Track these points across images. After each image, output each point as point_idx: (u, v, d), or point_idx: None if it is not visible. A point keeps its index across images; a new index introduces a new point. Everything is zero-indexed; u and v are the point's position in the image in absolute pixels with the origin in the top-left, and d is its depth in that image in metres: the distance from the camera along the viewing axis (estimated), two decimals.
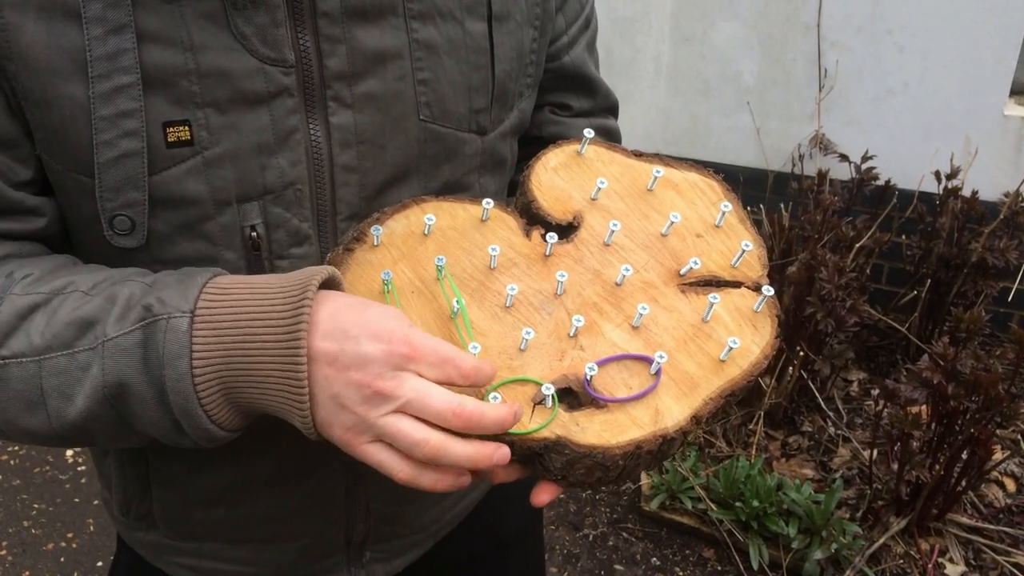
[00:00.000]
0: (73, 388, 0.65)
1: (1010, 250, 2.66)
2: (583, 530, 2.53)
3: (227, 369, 0.64)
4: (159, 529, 0.90)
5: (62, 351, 0.65)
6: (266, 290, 0.65)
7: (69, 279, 0.69)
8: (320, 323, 0.64)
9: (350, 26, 0.72)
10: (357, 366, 0.63)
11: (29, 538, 2.56)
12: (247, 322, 0.64)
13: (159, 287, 0.66)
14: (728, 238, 0.79)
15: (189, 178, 0.70)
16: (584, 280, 0.76)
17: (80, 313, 0.66)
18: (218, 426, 0.66)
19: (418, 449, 0.63)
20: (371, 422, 0.63)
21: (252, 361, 0.64)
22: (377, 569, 0.96)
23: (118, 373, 0.64)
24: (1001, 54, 2.82)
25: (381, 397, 0.63)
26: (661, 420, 0.69)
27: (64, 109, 0.66)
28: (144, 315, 0.64)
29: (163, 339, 0.63)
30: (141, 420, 0.66)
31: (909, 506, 2.26)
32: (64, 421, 0.66)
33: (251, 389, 0.65)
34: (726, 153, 3.35)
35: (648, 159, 0.83)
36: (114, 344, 0.64)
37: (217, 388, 0.64)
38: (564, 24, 0.90)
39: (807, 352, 2.54)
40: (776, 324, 0.75)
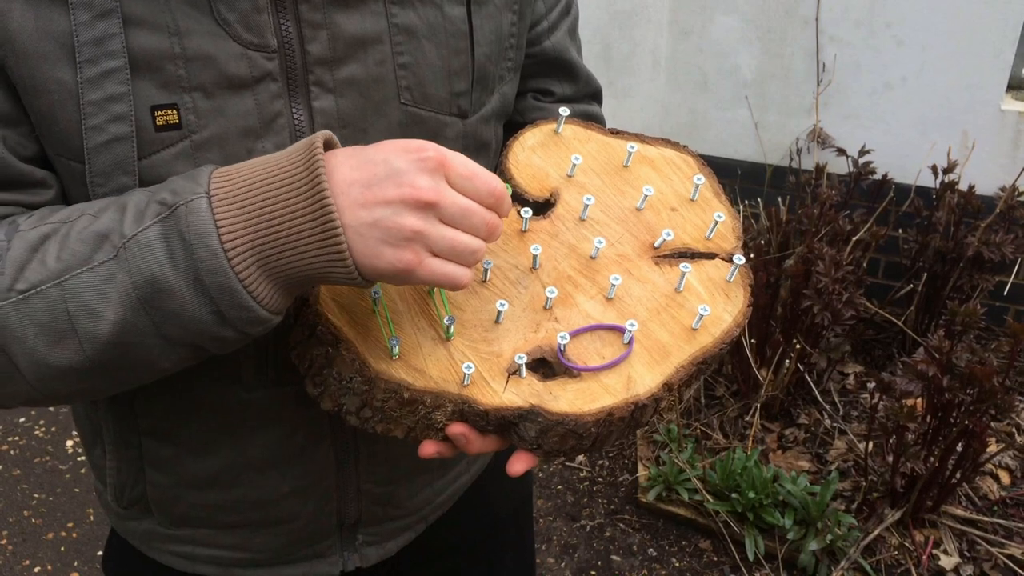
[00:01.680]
0: (100, 303, 0.63)
1: (1006, 244, 2.67)
2: (580, 521, 2.54)
3: (257, 237, 0.63)
4: (152, 517, 0.91)
5: (82, 268, 0.63)
6: (272, 159, 0.65)
7: (77, 207, 0.68)
8: (338, 166, 0.64)
9: (331, 11, 0.73)
10: (394, 181, 0.62)
11: (29, 527, 2.57)
12: (264, 188, 0.63)
13: (167, 185, 0.66)
14: (702, 211, 0.81)
15: (178, 162, 0.71)
16: (560, 254, 0.77)
17: (92, 228, 0.64)
18: (260, 304, 0.64)
19: (475, 256, 0.65)
20: (427, 233, 0.63)
21: (280, 221, 0.63)
22: (370, 552, 0.97)
23: (145, 271, 0.62)
24: (999, 49, 2.83)
25: (428, 205, 0.63)
26: (633, 387, 0.70)
27: (52, 94, 0.66)
28: (160, 209, 0.63)
29: (186, 223, 0.62)
30: (179, 319, 0.64)
31: (904, 498, 2.28)
32: (97, 342, 0.64)
33: (286, 251, 0.63)
34: (724, 147, 3.35)
35: (624, 136, 0.85)
36: (135, 243, 0.63)
37: (252, 259, 0.63)
38: (544, 9, 0.91)
39: (804, 345, 2.55)
40: (748, 293, 0.76)
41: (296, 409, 0.83)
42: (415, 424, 0.72)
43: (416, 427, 0.73)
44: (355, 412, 0.73)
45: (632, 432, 0.73)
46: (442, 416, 0.71)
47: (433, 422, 0.72)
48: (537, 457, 0.73)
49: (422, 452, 0.74)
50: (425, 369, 0.71)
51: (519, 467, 0.72)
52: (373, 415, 0.73)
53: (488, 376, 0.71)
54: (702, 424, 2.73)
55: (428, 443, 0.74)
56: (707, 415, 2.76)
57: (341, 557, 0.96)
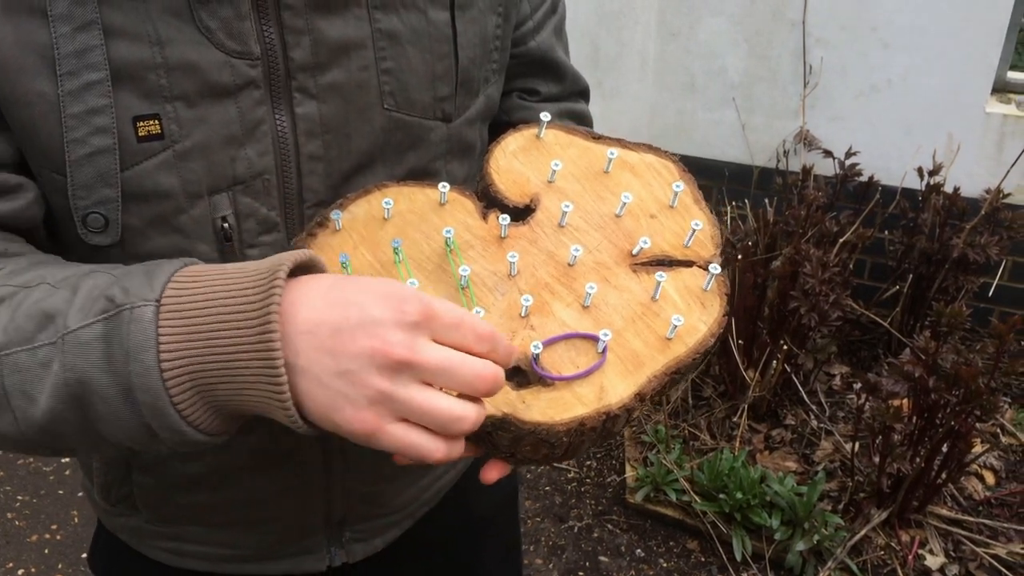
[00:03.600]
0: (34, 387, 0.60)
1: (991, 246, 2.68)
2: (568, 522, 2.54)
3: (199, 362, 0.58)
4: (140, 513, 0.91)
5: (22, 346, 0.60)
6: (236, 275, 0.60)
7: (41, 272, 0.65)
8: (311, 299, 0.58)
9: (313, 18, 0.72)
10: (367, 332, 0.56)
11: (13, 530, 2.55)
12: (217, 310, 0.58)
13: (125, 277, 0.61)
14: (682, 218, 0.80)
15: (161, 172, 0.70)
16: (538, 261, 0.77)
17: (42, 305, 0.61)
18: (194, 428, 0.60)
19: (458, 425, 0.58)
20: (395, 397, 0.56)
21: (224, 352, 0.58)
22: (356, 548, 0.97)
23: (78, 370, 0.59)
24: (984, 52, 2.85)
25: (402, 366, 0.56)
26: (605, 397, 0.69)
27: (34, 107, 0.65)
28: (107, 306, 0.59)
29: (127, 330, 0.58)
30: (108, 424, 0.60)
31: (890, 498, 2.29)
32: (30, 423, 0.61)
33: (226, 384, 0.59)
34: (711, 148, 3.36)
35: (606, 142, 0.84)
36: (74, 337, 0.59)
37: (189, 384, 0.58)
38: (529, 9, 0.91)
39: (791, 346, 2.56)
40: (724, 302, 0.75)
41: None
42: None
43: None
44: None
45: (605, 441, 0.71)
46: None
47: None
48: (511, 465, 0.72)
49: (397, 458, 0.73)
50: None
51: (493, 475, 0.71)
52: None
53: None
54: (690, 425, 2.73)
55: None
56: (695, 416, 2.77)
57: (328, 553, 0.96)
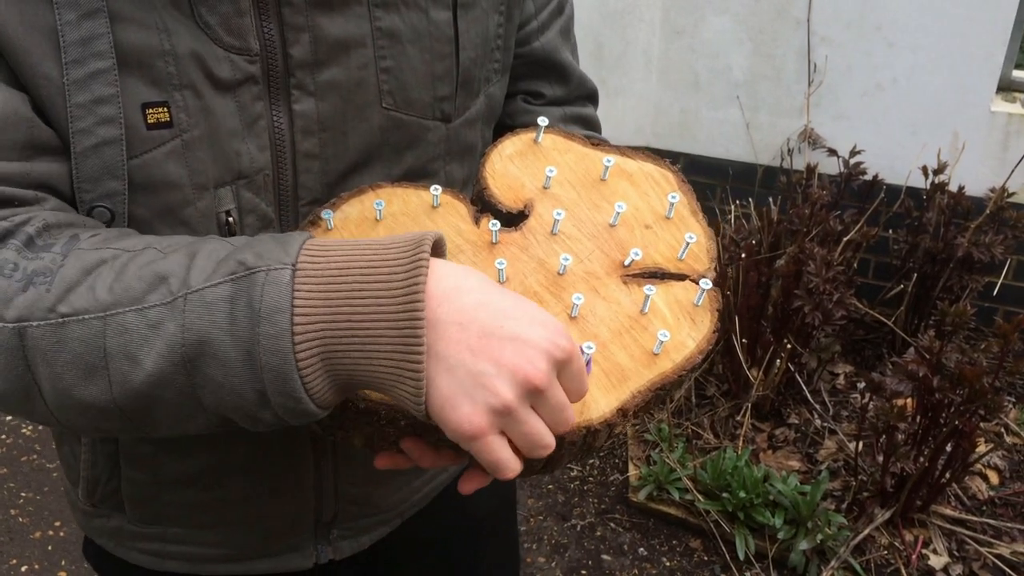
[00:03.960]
0: (140, 348, 0.58)
1: (995, 245, 2.68)
2: (571, 520, 2.54)
3: (331, 329, 0.57)
4: (122, 514, 0.90)
5: (131, 306, 0.59)
6: (375, 245, 0.59)
7: (142, 239, 0.64)
8: (468, 290, 0.59)
9: (314, 15, 0.72)
10: (517, 349, 0.57)
11: (16, 526, 2.55)
12: (355, 278, 0.58)
13: (255, 244, 0.61)
14: (678, 230, 0.78)
15: (169, 161, 0.69)
16: (528, 269, 0.75)
17: (155, 268, 0.60)
18: (311, 397, 0.59)
19: (541, 452, 0.60)
20: (515, 415, 0.58)
21: (361, 319, 0.57)
22: (343, 546, 0.97)
23: (200, 329, 0.57)
24: (989, 51, 2.84)
25: (534, 392, 0.58)
26: (587, 412, 0.68)
27: (40, 90, 0.65)
28: (236, 268, 0.59)
29: (261, 292, 0.57)
30: (217, 389, 0.59)
31: (894, 498, 2.28)
32: (128, 387, 0.59)
33: (356, 353, 0.58)
34: (715, 147, 3.35)
35: (605, 149, 0.82)
36: (198, 297, 0.58)
37: (318, 350, 0.58)
38: (533, 9, 0.90)
39: (794, 345, 2.55)
40: (716, 318, 0.73)
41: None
42: (372, 435, 0.71)
43: (373, 437, 0.72)
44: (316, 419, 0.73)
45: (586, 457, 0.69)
46: (396, 430, 0.70)
47: (387, 435, 0.70)
48: (489, 476, 0.70)
49: (377, 463, 0.73)
50: None
51: (470, 486, 0.70)
52: (332, 423, 0.71)
53: None
54: (693, 424, 2.73)
55: (383, 455, 0.73)
56: (698, 414, 2.76)
57: (315, 550, 0.96)
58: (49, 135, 0.66)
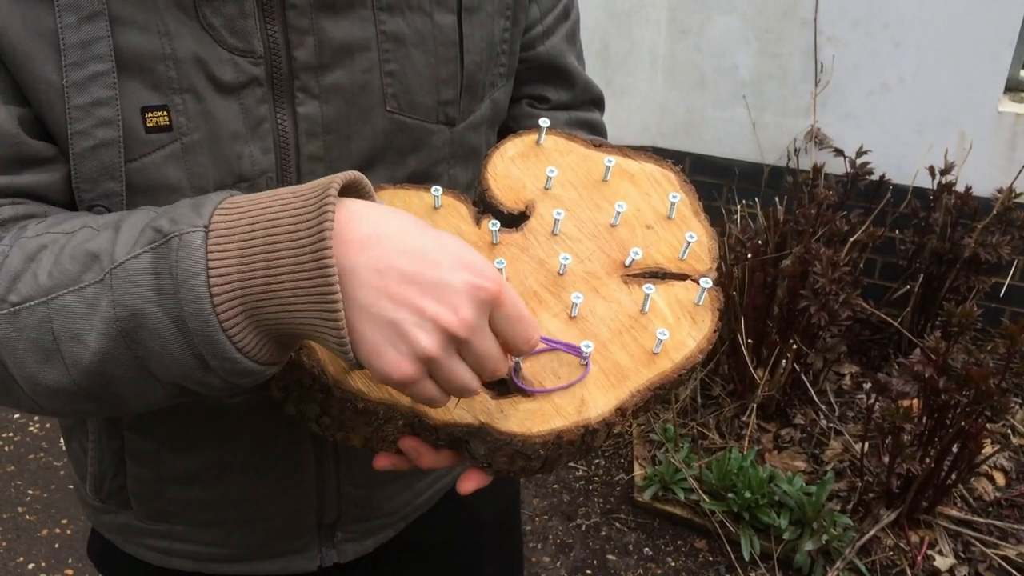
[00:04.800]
0: (83, 327, 0.59)
1: (1002, 246, 2.67)
2: (576, 520, 2.54)
3: (248, 285, 0.57)
4: (130, 510, 0.90)
5: (69, 288, 0.59)
6: (285, 195, 0.59)
7: (83, 219, 0.64)
8: (387, 234, 0.58)
9: (318, 18, 0.72)
10: (438, 296, 0.56)
11: (23, 524, 2.56)
12: (266, 231, 0.57)
13: (171, 210, 0.61)
14: (679, 230, 0.78)
15: (168, 165, 0.70)
16: (528, 269, 0.76)
17: (87, 246, 0.60)
18: (245, 355, 0.59)
19: (465, 392, 0.60)
20: (440, 363, 0.58)
21: (276, 272, 0.57)
22: (348, 548, 0.97)
23: (129, 303, 0.58)
24: (996, 51, 2.83)
25: (458, 341, 0.58)
26: (585, 411, 0.68)
27: (40, 92, 0.65)
28: (154, 237, 0.59)
29: (176, 257, 0.57)
30: (160, 359, 0.59)
31: (899, 499, 2.28)
32: (80, 367, 0.60)
33: (276, 307, 0.58)
34: (722, 146, 3.35)
35: (607, 150, 0.83)
36: (122, 271, 0.58)
37: (239, 308, 0.57)
38: (539, 13, 0.90)
39: (800, 345, 2.55)
40: (716, 318, 0.73)
41: (278, 413, 0.83)
42: (371, 435, 0.71)
43: (372, 438, 0.72)
44: (315, 419, 0.73)
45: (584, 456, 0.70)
46: (394, 429, 0.70)
47: (386, 434, 0.71)
48: (489, 476, 0.71)
49: (376, 464, 0.73)
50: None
51: (469, 485, 0.70)
52: (331, 423, 0.72)
53: None
54: (698, 424, 2.73)
55: (382, 455, 0.73)
56: (703, 415, 2.76)
57: (319, 553, 0.96)
58: (37, 149, 0.66)
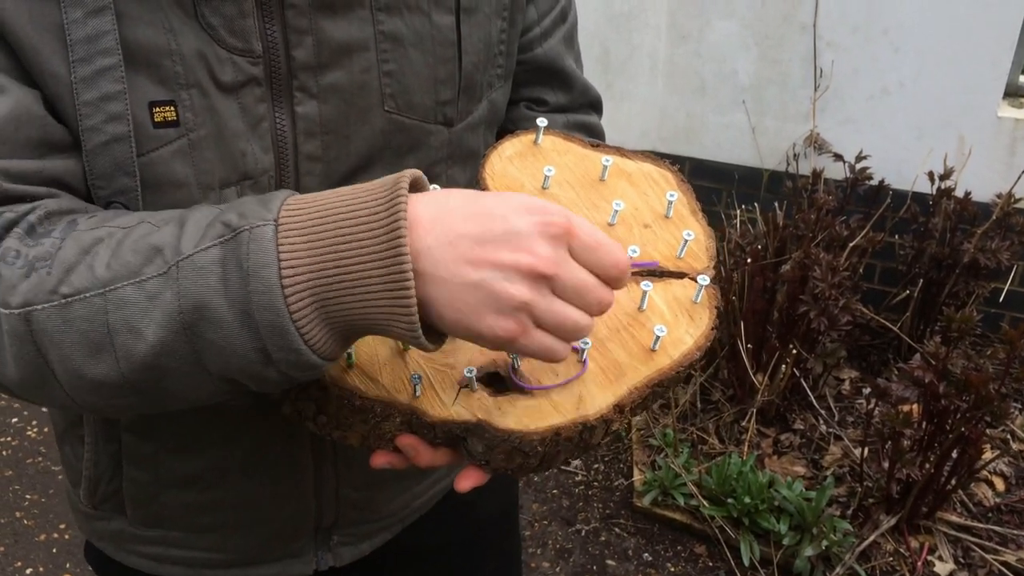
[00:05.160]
0: (142, 320, 0.59)
1: (1002, 251, 2.67)
2: (575, 525, 2.54)
3: (320, 277, 0.58)
4: (123, 516, 0.90)
5: (129, 280, 0.59)
6: (355, 191, 0.60)
7: (137, 214, 0.64)
8: (449, 212, 0.59)
9: (317, 18, 0.72)
10: (512, 245, 0.57)
11: (21, 529, 2.56)
12: (337, 224, 0.58)
13: (236, 205, 0.62)
14: (676, 229, 0.79)
15: (176, 160, 0.70)
16: None
17: (149, 240, 0.61)
18: (311, 348, 0.59)
19: (581, 334, 0.61)
20: (538, 307, 0.58)
21: (348, 262, 0.58)
22: (344, 552, 0.97)
23: (194, 295, 0.58)
24: (995, 56, 2.84)
25: (546, 279, 0.58)
26: (583, 407, 0.68)
27: (49, 88, 0.65)
28: (223, 231, 0.59)
29: (247, 250, 0.58)
30: (219, 352, 0.60)
31: (899, 504, 2.27)
32: (134, 361, 0.60)
33: (347, 298, 0.58)
34: (721, 151, 3.35)
35: (605, 150, 0.83)
36: (190, 263, 0.59)
37: (310, 300, 0.58)
38: (536, 15, 0.90)
39: (800, 350, 2.55)
40: (714, 315, 0.74)
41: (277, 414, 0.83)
42: (368, 433, 0.71)
43: (369, 436, 0.72)
44: (312, 418, 0.73)
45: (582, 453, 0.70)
46: (391, 426, 0.70)
47: (383, 432, 0.71)
48: (487, 474, 0.71)
49: (373, 462, 0.73)
50: (378, 378, 0.70)
51: (467, 483, 0.70)
52: (328, 422, 0.72)
53: (440, 388, 0.70)
54: (698, 429, 2.73)
55: (379, 453, 0.73)
56: (703, 420, 2.76)
57: (315, 557, 0.95)
58: (61, 132, 0.66)
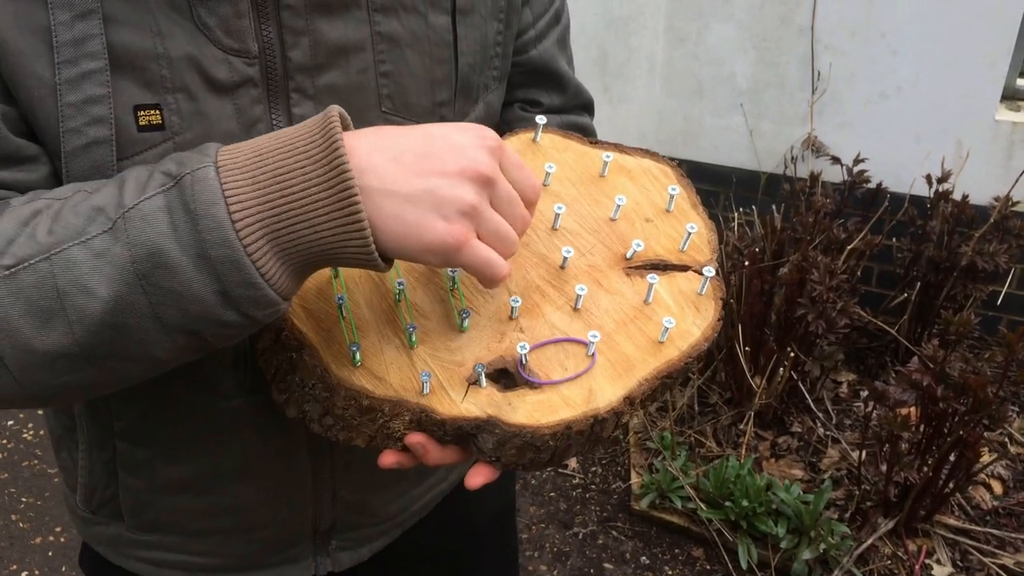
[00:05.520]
0: (92, 278, 0.58)
1: (999, 254, 2.67)
2: (573, 528, 2.53)
3: (267, 208, 0.59)
4: (121, 522, 0.90)
5: (74, 240, 0.59)
6: (284, 132, 0.62)
7: (70, 186, 0.65)
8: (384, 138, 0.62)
9: (313, 18, 0.72)
10: (456, 154, 0.62)
11: (17, 532, 2.55)
12: (275, 159, 0.60)
13: (172, 158, 0.62)
14: (678, 223, 0.79)
15: None
16: (529, 264, 0.76)
17: (90, 202, 0.60)
18: (267, 282, 0.60)
19: (511, 248, 0.65)
20: (482, 211, 0.62)
21: (292, 191, 0.59)
22: (343, 557, 0.96)
23: (145, 242, 0.58)
24: (993, 59, 2.84)
25: (489, 183, 0.62)
26: (593, 400, 0.69)
27: (31, 89, 0.65)
28: (164, 180, 0.59)
29: (191, 192, 0.58)
30: (179, 299, 0.59)
31: (897, 507, 2.27)
32: (88, 322, 0.59)
33: (298, 225, 0.59)
34: (719, 154, 3.35)
35: (603, 146, 0.83)
36: (136, 212, 0.58)
37: (261, 232, 0.59)
38: (531, 17, 0.90)
39: (797, 353, 2.55)
40: (720, 307, 0.74)
41: (272, 417, 0.82)
42: (375, 433, 0.71)
43: (377, 436, 0.72)
44: (318, 419, 0.72)
45: (593, 447, 0.71)
46: (400, 425, 0.70)
47: (392, 431, 0.70)
48: (497, 470, 0.71)
49: (382, 462, 0.72)
50: (386, 377, 0.70)
51: (477, 480, 0.70)
52: (335, 423, 0.72)
53: (448, 385, 0.70)
54: (695, 432, 2.72)
55: (387, 453, 0.72)
56: (700, 423, 2.76)
57: (313, 562, 0.95)
58: (19, 146, 0.66)
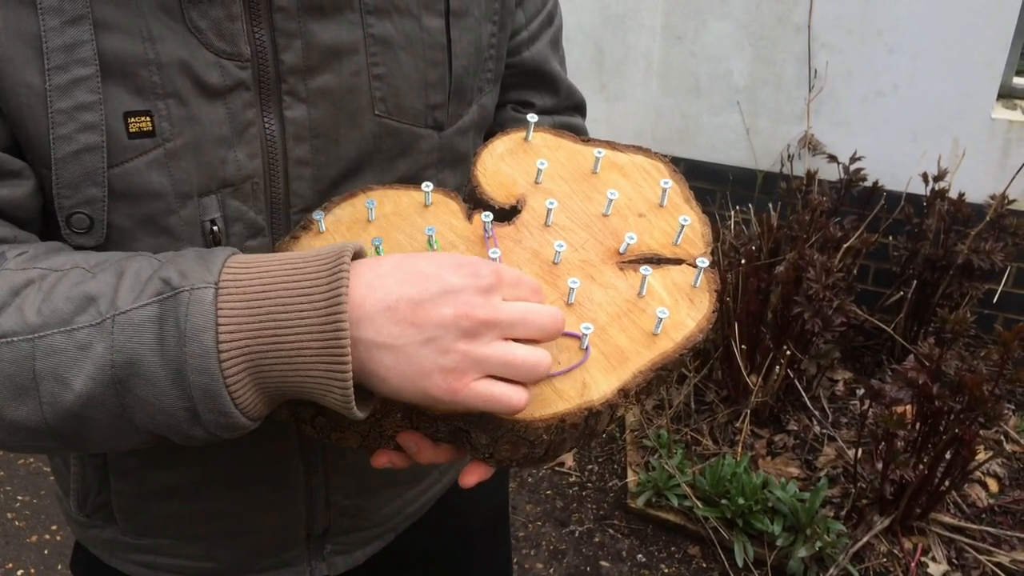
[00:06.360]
0: (70, 370, 0.59)
1: (995, 252, 2.67)
2: (569, 526, 2.53)
3: (256, 344, 0.59)
4: (115, 525, 0.89)
5: (59, 328, 0.59)
6: (296, 259, 0.61)
7: (70, 257, 0.64)
8: (382, 278, 0.61)
9: (306, 21, 0.72)
10: (448, 301, 0.60)
11: (13, 530, 2.54)
12: (278, 293, 0.59)
13: (177, 260, 0.62)
14: (671, 217, 0.79)
15: (151, 170, 0.69)
16: (522, 260, 0.76)
17: (83, 288, 0.60)
18: (241, 411, 0.60)
19: (539, 369, 0.62)
20: (480, 356, 0.60)
21: (285, 332, 0.59)
22: (338, 561, 0.96)
23: (129, 351, 0.58)
24: (990, 57, 2.84)
25: (485, 326, 0.60)
26: (587, 393, 0.68)
27: (21, 97, 0.64)
28: (162, 288, 0.59)
29: (186, 312, 0.58)
30: (147, 408, 0.60)
31: (893, 505, 2.28)
32: (58, 408, 0.60)
33: (283, 366, 0.59)
34: (716, 152, 3.35)
35: (594, 144, 0.83)
36: (126, 319, 0.59)
37: (244, 365, 0.59)
38: (524, 19, 0.90)
39: (794, 351, 2.55)
40: (714, 299, 0.74)
41: (263, 423, 0.82)
42: (368, 433, 0.71)
43: (369, 435, 0.71)
44: (310, 420, 0.72)
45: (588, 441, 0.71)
46: (392, 424, 0.69)
47: (384, 430, 0.70)
48: (491, 468, 0.71)
49: (375, 462, 0.72)
50: None
51: (472, 479, 0.70)
52: (327, 423, 0.71)
53: None
54: (692, 430, 2.73)
55: (380, 452, 0.72)
56: (697, 421, 2.76)
57: (308, 566, 0.94)
58: (2, 160, 0.66)
